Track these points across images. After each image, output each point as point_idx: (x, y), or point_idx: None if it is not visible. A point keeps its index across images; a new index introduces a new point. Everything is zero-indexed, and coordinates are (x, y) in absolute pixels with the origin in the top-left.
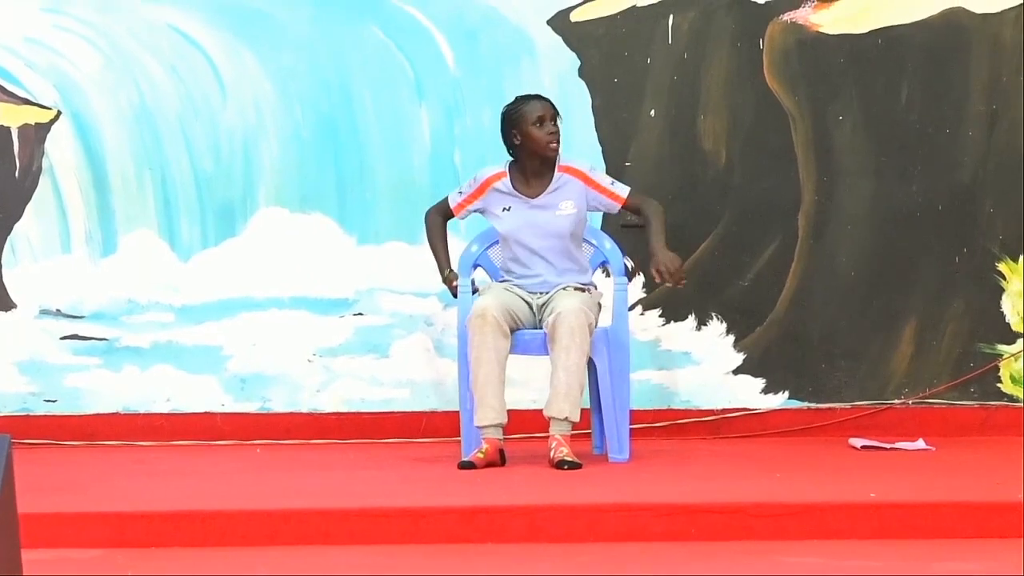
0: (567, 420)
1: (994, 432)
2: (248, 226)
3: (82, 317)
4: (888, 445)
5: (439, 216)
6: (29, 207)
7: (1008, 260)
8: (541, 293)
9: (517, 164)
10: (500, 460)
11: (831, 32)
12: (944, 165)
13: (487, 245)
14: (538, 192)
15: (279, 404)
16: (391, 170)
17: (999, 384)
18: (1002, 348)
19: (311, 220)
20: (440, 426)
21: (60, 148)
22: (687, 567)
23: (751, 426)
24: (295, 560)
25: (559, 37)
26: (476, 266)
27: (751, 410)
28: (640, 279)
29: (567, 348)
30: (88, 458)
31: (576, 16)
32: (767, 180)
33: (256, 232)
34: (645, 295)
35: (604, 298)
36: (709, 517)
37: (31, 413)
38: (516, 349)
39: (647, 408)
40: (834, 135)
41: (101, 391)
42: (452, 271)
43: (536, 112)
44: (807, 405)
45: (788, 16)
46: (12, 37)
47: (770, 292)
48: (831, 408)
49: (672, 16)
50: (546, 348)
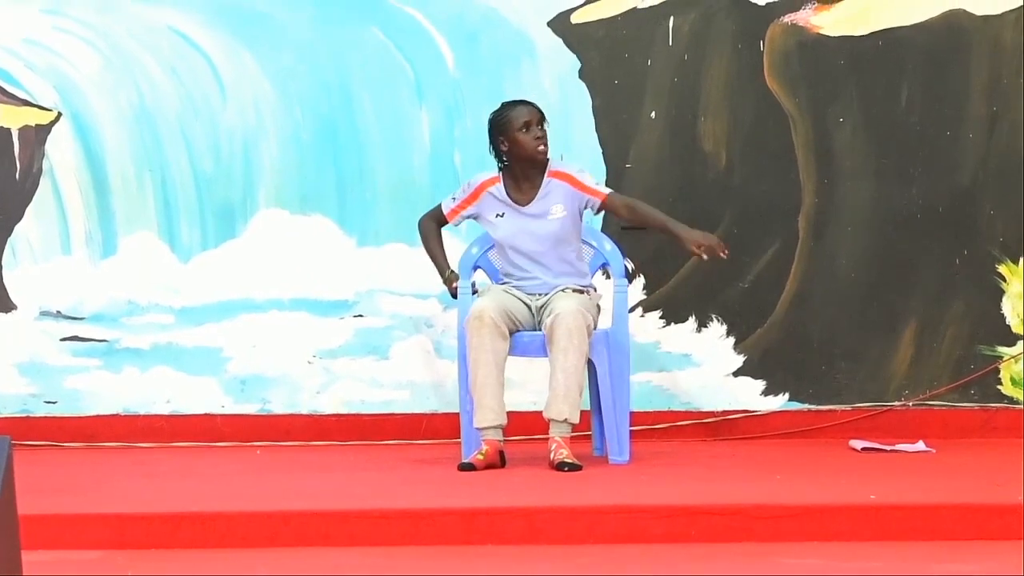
0: (566, 422)
1: (994, 434)
2: (248, 227)
3: (82, 318)
4: (888, 447)
5: (433, 222)
6: (29, 208)
7: (1008, 262)
8: (540, 295)
9: (508, 171)
10: (500, 462)
11: (831, 34)
12: (944, 167)
13: (487, 247)
14: (530, 198)
15: (279, 406)
16: (391, 171)
17: (999, 386)
18: (1002, 350)
19: (311, 221)
20: (440, 428)
21: (60, 149)
22: (687, 569)
23: (751, 428)
24: (295, 561)
25: (559, 39)
26: (476, 268)
27: (751, 412)
28: (640, 281)
29: (565, 350)
30: (88, 459)
31: (576, 18)
32: (767, 182)
33: (256, 233)
34: (645, 297)
35: (604, 300)
36: (709, 519)
37: (31, 414)
38: (515, 351)
39: (647, 410)
40: (834, 137)
41: (101, 393)
42: (453, 272)
43: (522, 117)
44: (807, 407)
45: (788, 18)
46: (12, 39)
47: (770, 294)
48: (831, 410)
49: (673, 18)
50: (545, 350)
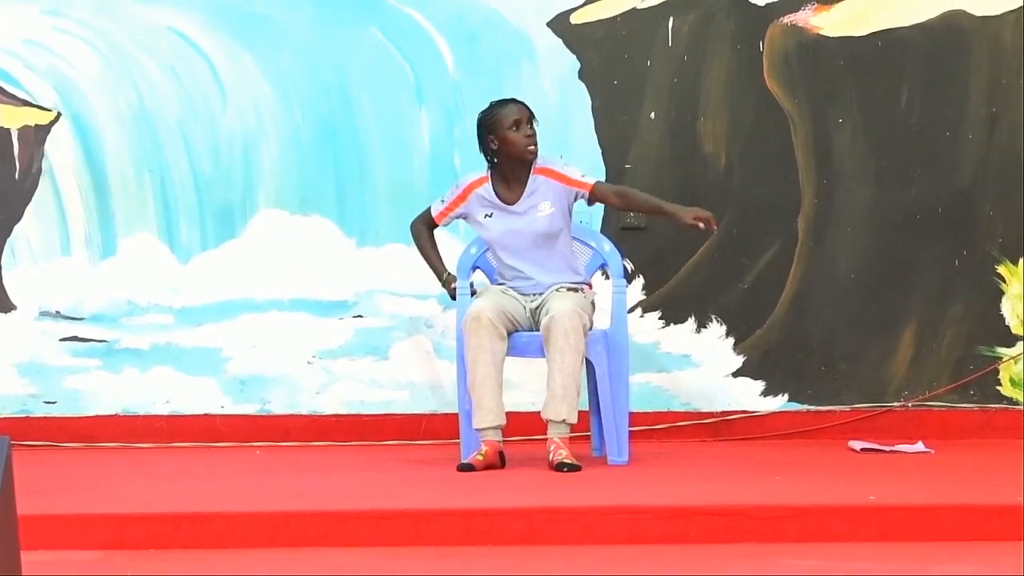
0: (565, 422)
1: (993, 435)
2: (248, 228)
3: (82, 319)
4: (887, 448)
5: (423, 226)
6: (29, 209)
7: (1008, 263)
8: (535, 295)
9: (497, 170)
10: (499, 462)
11: (831, 35)
12: (944, 168)
13: (485, 247)
14: (518, 197)
15: (279, 406)
16: (391, 172)
17: (999, 387)
18: (1002, 351)
19: (311, 222)
20: (439, 428)
21: (60, 150)
22: (687, 569)
23: (751, 428)
24: (294, 562)
25: (559, 39)
26: (475, 268)
27: (751, 412)
28: (640, 281)
29: (562, 350)
30: (87, 460)
31: (576, 18)
32: (767, 183)
33: (256, 234)
34: (645, 297)
35: (603, 300)
36: (709, 519)
37: (31, 415)
38: (513, 352)
39: (647, 410)
40: (834, 138)
41: (101, 393)
42: (450, 274)
43: (512, 116)
44: (807, 408)
45: (788, 19)
46: (12, 39)
47: (770, 295)
48: (831, 411)
49: (672, 18)
50: (542, 350)
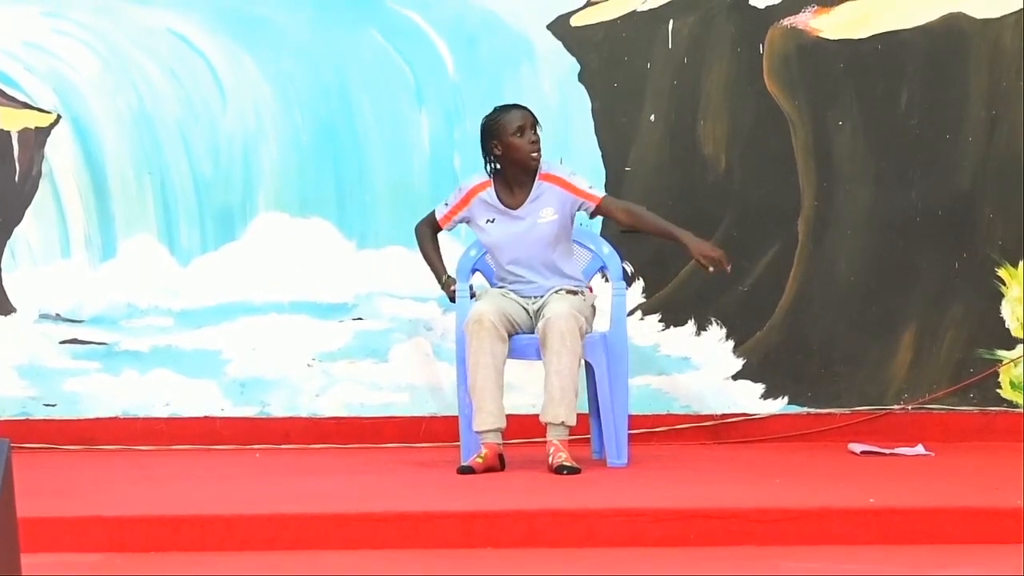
0: (563, 425)
1: (993, 438)
2: (247, 230)
3: (81, 321)
4: (887, 450)
5: (428, 228)
6: (29, 211)
7: (1008, 265)
8: (536, 298)
9: (500, 175)
10: (499, 465)
11: (831, 37)
12: (944, 170)
13: (485, 250)
14: (520, 202)
15: (278, 408)
16: (390, 174)
17: (998, 390)
18: (1001, 354)
19: (310, 224)
20: (439, 431)
21: (60, 152)
22: (686, 572)
23: (750, 431)
24: (294, 564)
25: (559, 42)
26: (474, 271)
27: (750, 415)
28: (640, 284)
29: (558, 353)
30: (87, 462)
31: (576, 21)
32: (767, 185)
33: (255, 236)
34: (644, 300)
35: (602, 303)
36: (708, 522)
37: (30, 417)
38: (512, 354)
39: (646, 413)
40: (834, 140)
41: (100, 395)
42: (450, 276)
43: (516, 121)
44: (806, 410)
45: (788, 21)
46: (12, 41)
47: (770, 297)
48: (830, 413)
49: (672, 21)
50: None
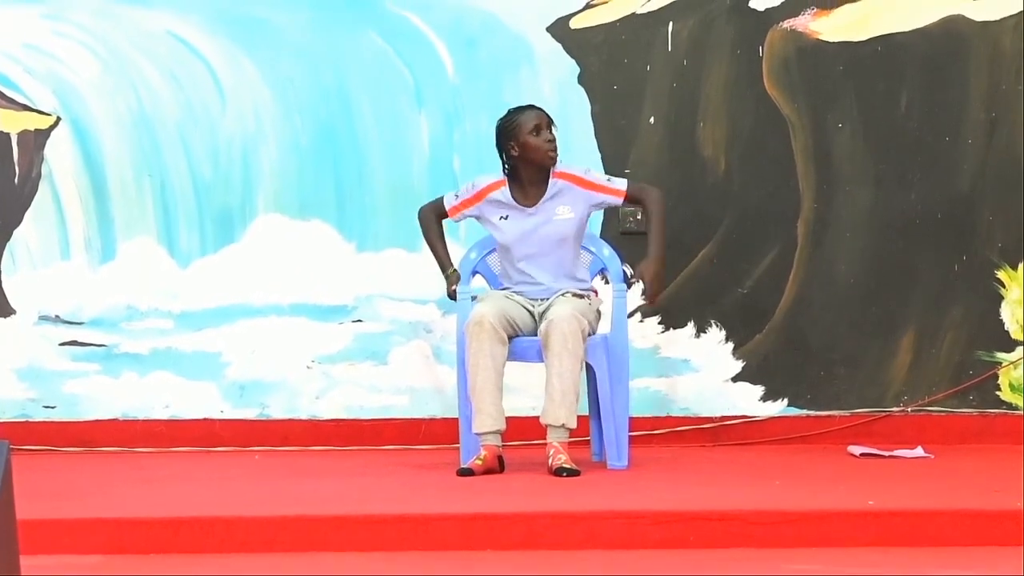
0: (564, 427)
1: (993, 440)
2: (247, 233)
3: (81, 323)
4: (887, 453)
5: (433, 215)
6: (28, 213)
7: (1007, 268)
8: (541, 300)
9: (515, 175)
10: (499, 467)
11: (830, 39)
12: (943, 172)
13: (486, 252)
14: (535, 201)
15: (278, 411)
16: (390, 177)
17: (998, 392)
18: (1001, 356)
19: (310, 227)
20: (439, 433)
21: (59, 154)
22: (686, 574)
23: (750, 433)
24: (294, 566)
25: (558, 44)
26: (475, 273)
27: (750, 417)
28: (640, 286)
29: (560, 355)
30: (87, 464)
31: (575, 23)
32: (766, 187)
33: (255, 239)
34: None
35: (604, 305)
36: (708, 524)
37: (30, 419)
38: (512, 356)
39: (646, 415)
40: (833, 142)
41: (100, 397)
42: (455, 271)
43: (532, 121)
44: (806, 412)
45: (788, 23)
46: (12, 43)
47: (769, 299)
48: (830, 416)
49: (671, 23)
50: (542, 355)
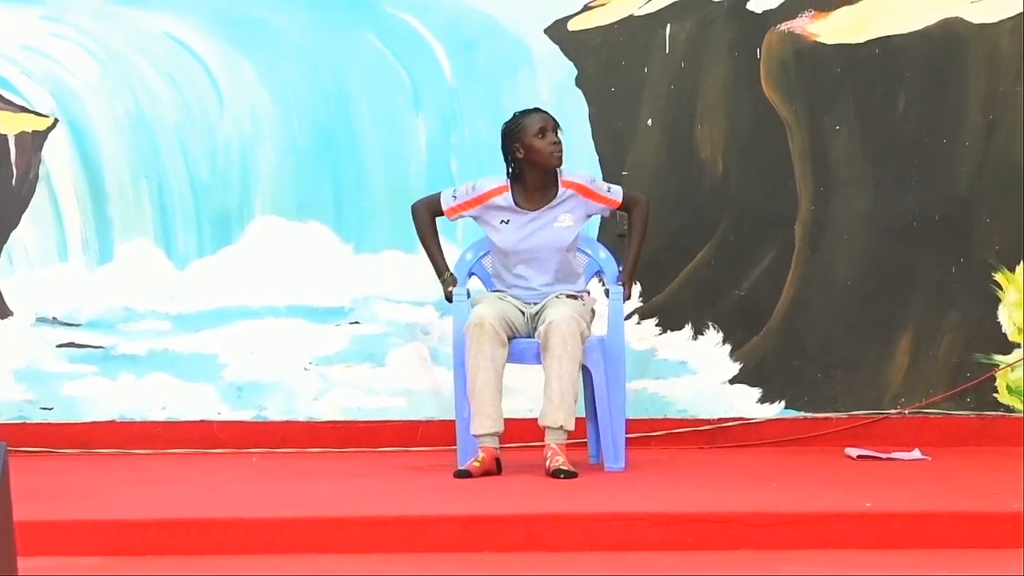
0: (562, 429)
1: (990, 442)
2: (245, 234)
3: (78, 325)
4: (884, 455)
5: (428, 214)
6: (26, 215)
7: (1005, 270)
8: (535, 303)
9: (519, 178)
10: (496, 469)
11: (828, 42)
12: (941, 175)
13: (482, 254)
14: (539, 206)
15: (275, 412)
16: (388, 179)
17: (995, 394)
18: (999, 358)
19: (308, 228)
20: (436, 435)
21: (57, 156)
22: None
23: (747, 435)
24: (291, 567)
25: (556, 46)
26: (471, 275)
27: (747, 419)
28: (637, 288)
29: (559, 357)
30: (84, 466)
31: (573, 25)
32: (764, 189)
33: (253, 240)
34: (641, 304)
35: (599, 307)
36: (705, 526)
37: (27, 421)
38: (510, 358)
39: (643, 417)
40: (831, 145)
41: (97, 399)
42: (451, 274)
43: (537, 124)
44: (803, 415)
45: (785, 26)
46: (9, 45)
47: (767, 301)
48: (827, 418)
49: (669, 25)
50: (539, 357)
